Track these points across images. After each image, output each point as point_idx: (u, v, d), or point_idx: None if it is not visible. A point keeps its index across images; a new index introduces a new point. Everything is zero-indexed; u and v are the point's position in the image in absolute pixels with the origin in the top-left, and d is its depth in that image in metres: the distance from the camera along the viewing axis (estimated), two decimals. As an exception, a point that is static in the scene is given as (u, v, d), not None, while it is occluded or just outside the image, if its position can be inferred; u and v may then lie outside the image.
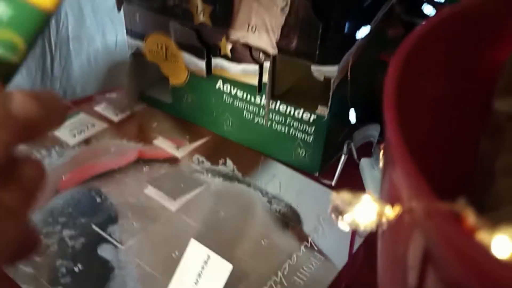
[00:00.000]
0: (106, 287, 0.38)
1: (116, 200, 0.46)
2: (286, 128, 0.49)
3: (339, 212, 0.16)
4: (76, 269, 0.40)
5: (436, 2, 0.43)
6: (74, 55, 0.73)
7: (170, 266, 0.39)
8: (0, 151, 0.17)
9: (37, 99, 0.18)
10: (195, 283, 0.37)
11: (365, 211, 0.16)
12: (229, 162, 0.52)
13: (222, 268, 0.37)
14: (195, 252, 0.38)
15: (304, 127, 0.48)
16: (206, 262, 0.37)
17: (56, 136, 0.54)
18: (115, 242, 0.42)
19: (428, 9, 0.42)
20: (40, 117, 0.18)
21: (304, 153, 0.50)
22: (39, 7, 0.19)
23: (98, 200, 0.46)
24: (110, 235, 0.43)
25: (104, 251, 0.41)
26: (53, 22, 0.70)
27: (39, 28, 0.20)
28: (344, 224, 0.16)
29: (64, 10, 0.71)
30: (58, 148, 0.52)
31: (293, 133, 0.49)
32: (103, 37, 0.74)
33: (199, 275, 0.37)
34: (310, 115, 0.47)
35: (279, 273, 0.40)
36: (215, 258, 0.37)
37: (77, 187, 0.48)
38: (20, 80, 0.68)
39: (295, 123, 0.48)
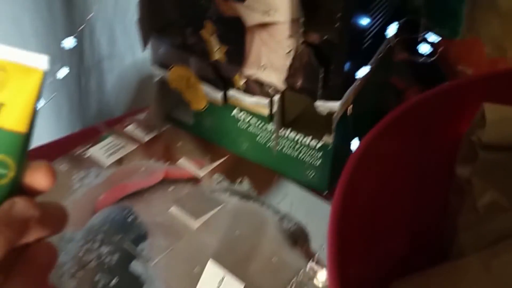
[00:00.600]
0: (137, 300, 0.45)
1: (145, 219, 0.53)
2: (296, 152, 0.54)
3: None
4: (112, 283, 0.46)
5: (431, 42, 0.46)
6: (107, 73, 0.80)
7: (192, 281, 0.45)
8: (1, 246, 0.22)
9: (37, 206, 0.23)
10: (212, 299, 0.43)
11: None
12: (246, 181, 0.57)
13: (235, 287, 0.42)
14: (212, 272, 0.44)
15: (312, 153, 0.53)
16: (221, 282, 0.43)
17: (93, 157, 0.61)
18: (144, 259, 0.48)
19: (425, 48, 0.46)
20: (37, 220, 0.23)
21: (313, 174, 0.55)
22: (13, 130, 0.23)
23: (130, 218, 0.53)
24: (140, 252, 0.49)
25: (135, 267, 0.48)
26: (88, 42, 0.77)
27: (22, 147, 0.24)
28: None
29: (98, 31, 0.77)
30: (95, 169, 0.59)
31: (302, 157, 0.54)
32: (132, 56, 0.80)
33: (215, 292, 0.43)
34: (317, 143, 0.52)
35: (287, 288, 0.46)
36: (229, 279, 0.43)
37: (111, 206, 0.54)
38: (60, 99, 0.75)
39: (303, 149, 0.53)
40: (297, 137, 0.53)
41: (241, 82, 0.52)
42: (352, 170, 0.24)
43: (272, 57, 0.48)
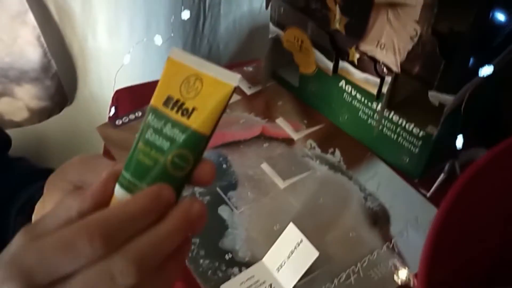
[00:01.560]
0: (220, 241, 0.49)
1: (238, 169, 0.56)
2: (396, 136, 0.54)
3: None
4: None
5: None
6: (223, 16, 0.82)
7: (271, 236, 0.48)
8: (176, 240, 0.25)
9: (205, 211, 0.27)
10: (287, 257, 0.46)
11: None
12: (337, 152, 0.58)
13: (310, 253, 0.45)
14: (292, 234, 0.47)
15: (412, 139, 0.52)
16: (298, 244, 0.46)
17: (199, 100, 0.64)
18: (232, 206, 0.52)
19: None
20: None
21: (408, 160, 0.54)
22: (200, 132, 0.26)
23: (224, 166, 0.57)
24: (229, 199, 0.53)
25: (223, 211, 0.52)
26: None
27: (202, 148, 0.26)
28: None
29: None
30: (199, 112, 0.63)
31: (401, 141, 0.53)
32: (249, 3, 0.82)
33: (291, 252, 0.46)
34: (420, 131, 0.51)
35: (358, 265, 0.48)
36: (306, 243, 0.45)
37: (210, 151, 0.58)
38: (175, 38, 0.79)
39: (404, 134, 0.53)
40: (400, 121, 0.52)
41: (356, 56, 0.52)
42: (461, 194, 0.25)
43: (394, 38, 0.47)
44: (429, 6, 0.41)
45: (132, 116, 0.62)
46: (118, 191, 0.27)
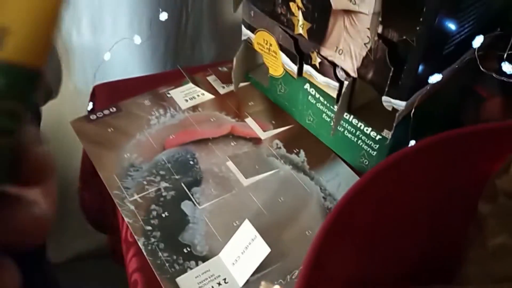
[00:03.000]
0: (180, 235, 0.51)
1: (204, 166, 0.58)
2: (355, 138, 0.56)
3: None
4: (163, 215, 0.53)
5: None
6: (206, 18, 0.84)
7: (229, 232, 0.50)
8: None
9: None
10: (242, 253, 0.48)
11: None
12: (302, 152, 0.60)
13: (262, 249, 0.47)
14: (247, 230, 0.49)
15: (370, 143, 0.54)
16: (252, 240, 0.48)
17: (173, 98, 0.67)
18: (195, 201, 0.54)
19: (507, 67, 0.44)
20: None
21: (367, 162, 0.56)
22: (28, 65, 0.17)
23: (191, 162, 0.58)
24: (193, 195, 0.55)
25: (185, 206, 0.54)
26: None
27: (36, 92, 0.17)
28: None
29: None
30: (172, 110, 0.65)
31: (360, 144, 0.55)
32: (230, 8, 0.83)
33: (246, 248, 0.48)
34: (377, 134, 0.53)
35: (312, 261, 0.50)
36: (259, 240, 0.47)
37: (178, 147, 0.60)
38: (156, 37, 0.81)
39: (363, 137, 0.54)
40: (359, 124, 0.54)
41: (317, 60, 0.53)
42: (365, 184, 0.27)
43: (350, 44, 0.48)
44: (376, 14, 0.43)
45: (106, 112, 0.64)
46: None
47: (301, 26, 0.53)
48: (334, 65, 0.52)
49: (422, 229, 0.32)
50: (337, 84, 0.53)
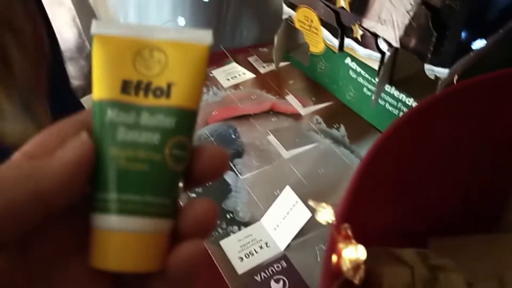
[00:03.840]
0: (223, 202, 0.53)
1: (246, 140, 0.60)
2: (397, 111, 0.56)
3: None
4: (207, 184, 0.54)
5: None
6: (246, 2, 0.85)
7: (270, 200, 0.51)
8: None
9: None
10: (283, 219, 0.49)
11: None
12: (342, 127, 0.60)
13: (303, 214, 0.48)
14: (288, 196, 0.50)
15: (411, 114, 0.54)
16: (294, 206, 0.49)
17: (216, 78, 0.68)
18: (237, 172, 0.56)
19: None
20: None
21: (408, 135, 0.56)
22: (189, 108, 0.21)
23: (233, 136, 0.60)
24: (234, 166, 0.56)
25: (228, 176, 0.56)
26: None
27: (195, 126, 0.22)
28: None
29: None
30: (215, 88, 0.67)
31: (402, 117, 0.55)
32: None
33: (287, 213, 0.49)
34: (418, 106, 0.52)
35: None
36: (301, 205, 0.48)
37: (220, 123, 0.62)
38: (199, 22, 0.83)
39: (404, 108, 0.54)
40: (400, 96, 0.54)
41: (359, 33, 0.54)
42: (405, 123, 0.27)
43: (392, 13, 0.49)
44: (421, -21, 0.43)
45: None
46: (112, 220, 0.20)
47: (342, -1, 0.54)
48: (375, 36, 0.52)
49: (463, 176, 0.32)
50: (379, 55, 0.53)
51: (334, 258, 0.23)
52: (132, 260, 0.20)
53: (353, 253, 0.23)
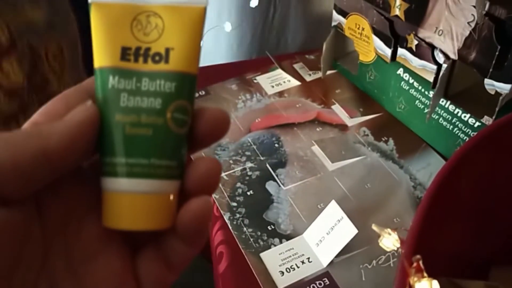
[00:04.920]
0: (264, 213, 0.51)
1: (289, 149, 0.58)
2: (451, 126, 0.53)
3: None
4: (248, 193, 0.53)
5: None
6: (293, 8, 0.84)
7: (313, 213, 0.49)
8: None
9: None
10: (327, 234, 0.47)
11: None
12: (391, 141, 0.58)
13: (349, 231, 0.46)
14: (333, 211, 0.48)
15: (467, 130, 0.51)
16: (339, 221, 0.47)
17: (260, 84, 0.67)
18: (279, 182, 0.54)
19: None
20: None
21: (462, 152, 0.53)
22: (189, 72, 0.22)
23: (276, 145, 0.59)
24: (277, 176, 0.55)
25: (270, 186, 0.54)
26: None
27: (195, 90, 0.22)
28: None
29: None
30: (258, 95, 0.66)
31: (456, 132, 0.52)
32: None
33: (331, 229, 0.47)
34: (475, 121, 0.50)
35: (400, 250, 0.48)
36: (347, 221, 0.46)
37: (264, 130, 0.61)
38: (246, 28, 0.82)
39: (459, 124, 0.52)
40: (456, 111, 0.51)
41: (414, 43, 0.52)
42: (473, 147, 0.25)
43: (452, 23, 0.46)
44: (486, -11, 0.40)
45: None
46: (121, 183, 0.21)
47: (398, 7, 0.52)
48: (432, 47, 0.50)
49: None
50: (434, 67, 0.50)
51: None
52: (142, 219, 0.21)
53: (426, 287, 0.21)
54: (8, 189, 0.18)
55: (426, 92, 0.54)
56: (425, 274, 0.21)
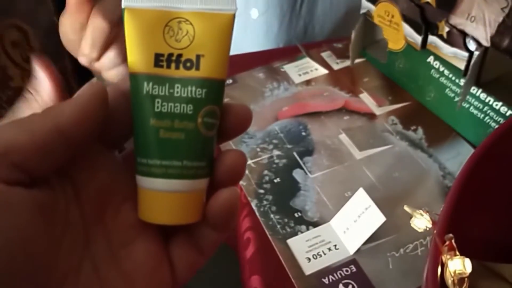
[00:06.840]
0: (292, 201, 0.52)
1: (316, 138, 0.58)
2: (482, 115, 0.52)
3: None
4: (275, 181, 0.54)
5: None
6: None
7: (340, 201, 0.50)
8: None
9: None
10: (354, 221, 0.47)
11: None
12: (420, 130, 0.57)
13: (377, 218, 0.46)
14: (361, 198, 0.48)
15: (499, 119, 0.50)
16: (366, 209, 0.47)
17: (287, 73, 0.67)
18: (306, 170, 0.54)
19: None
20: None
21: (493, 142, 0.52)
22: (218, 79, 0.23)
23: (303, 133, 0.59)
24: (304, 164, 0.55)
25: (297, 174, 0.54)
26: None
27: (223, 95, 0.23)
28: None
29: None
30: (286, 84, 0.66)
31: (488, 121, 0.52)
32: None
33: (359, 217, 0.47)
34: (507, 110, 0.49)
35: (428, 238, 0.47)
36: (374, 208, 0.46)
37: (291, 119, 0.61)
38: (273, 16, 0.82)
39: (491, 113, 0.51)
40: (487, 99, 0.50)
41: (445, 30, 0.51)
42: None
43: (485, 10, 0.45)
44: (523, -28, 0.39)
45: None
46: (156, 182, 0.23)
47: (428, -6, 0.51)
48: (464, 34, 0.49)
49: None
50: (466, 55, 0.49)
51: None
52: (175, 215, 0.23)
53: (459, 265, 0.21)
54: (31, 166, 0.20)
55: (457, 80, 0.53)
56: (457, 253, 0.21)
